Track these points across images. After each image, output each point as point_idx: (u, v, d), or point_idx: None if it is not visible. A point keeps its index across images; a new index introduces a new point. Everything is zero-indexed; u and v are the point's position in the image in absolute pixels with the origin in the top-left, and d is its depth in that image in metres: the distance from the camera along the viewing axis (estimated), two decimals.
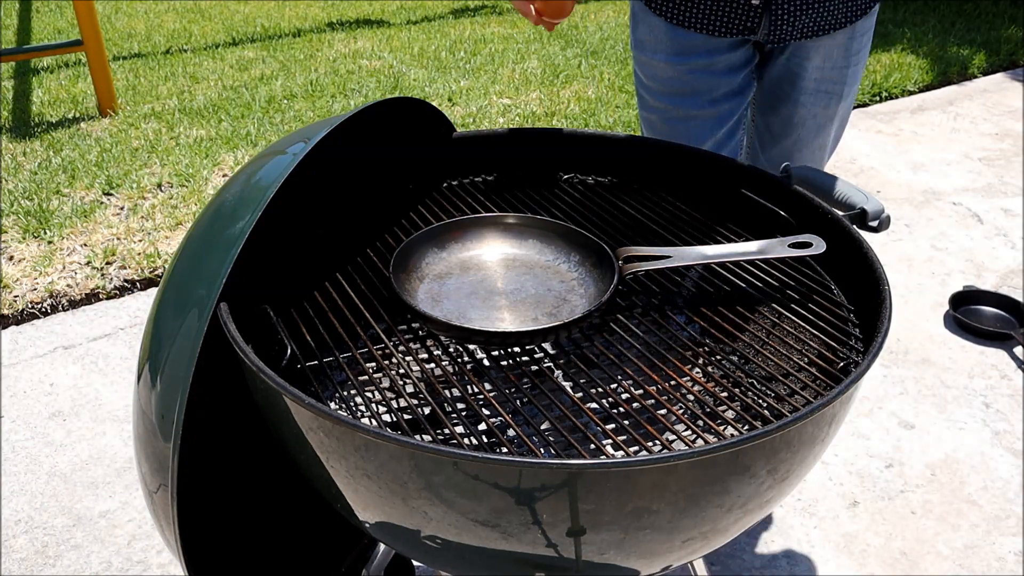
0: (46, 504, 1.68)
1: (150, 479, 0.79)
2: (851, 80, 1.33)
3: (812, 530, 1.62)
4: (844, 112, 1.40)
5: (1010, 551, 1.58)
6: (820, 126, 1.37)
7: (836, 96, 1.33)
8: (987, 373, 2.07)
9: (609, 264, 0.88)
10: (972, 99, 3.86)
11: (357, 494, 0.70)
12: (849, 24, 1.25)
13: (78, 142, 3.23)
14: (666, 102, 1.31)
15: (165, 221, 2.70)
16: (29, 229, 2.60)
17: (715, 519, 0.68)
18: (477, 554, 0.69)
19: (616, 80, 3.98)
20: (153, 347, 0.78)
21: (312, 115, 3.56)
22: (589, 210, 1.06)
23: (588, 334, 0.86)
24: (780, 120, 1.39)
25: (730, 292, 0.91)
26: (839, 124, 1.41)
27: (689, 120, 1.30)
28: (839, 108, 1.36)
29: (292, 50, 4.48)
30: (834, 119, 1.38)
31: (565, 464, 0.59)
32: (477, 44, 4.57)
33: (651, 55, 1.29)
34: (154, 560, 1.56)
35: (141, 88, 3.85)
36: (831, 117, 1.36)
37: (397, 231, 1.02)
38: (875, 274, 0.84)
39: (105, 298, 2.37)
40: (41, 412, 1.93)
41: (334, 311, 0.86)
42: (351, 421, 0.63)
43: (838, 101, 1.34)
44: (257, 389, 0.74)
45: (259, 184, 0.78)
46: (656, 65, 1.29)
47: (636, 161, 1.12)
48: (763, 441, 0.62)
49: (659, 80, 1.30)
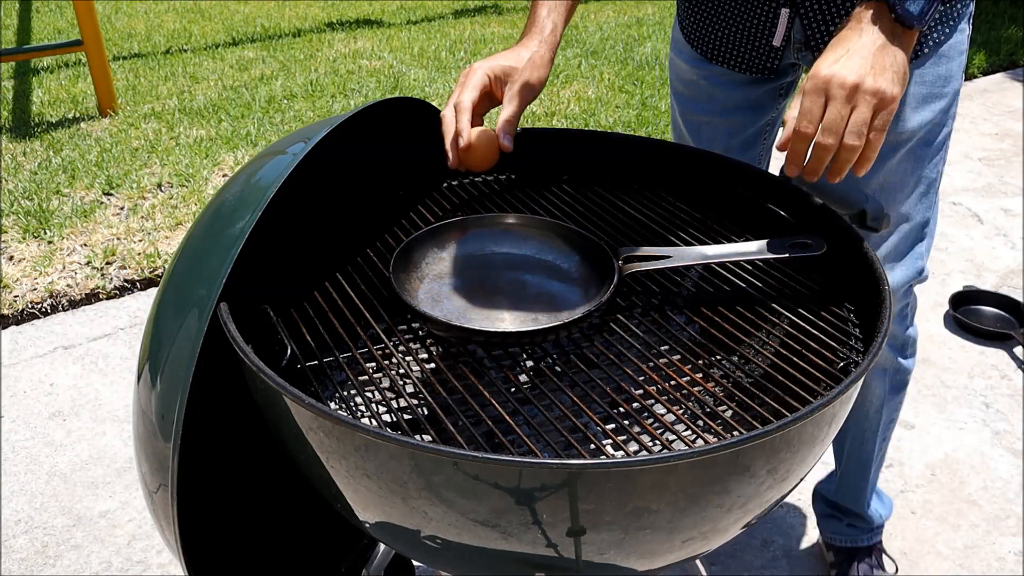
0: (46, 504, 1.68)
1: (150, 479, 0.79)
2: (911, 115, 1.07)
3: (812, 530, 1.62)
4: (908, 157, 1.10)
5: (1010, 551, 1.58)
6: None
7: (888, 150, 1.08)
8: (987, 373, 2.07)
9: (609, 264, 0.88)
10: (972, 99, 3.86)
11: (357, 494, 0.70)
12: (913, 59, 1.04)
13: (78, 142, 3.23)
14: (683, 104, 1.28)
15: (165, 221, 2.70)
16: (29, 229, 2.60)
17: (715, 519, 0.68)
18: (477, 554, 0.69)
19: (616, 80, 3.98)
20: (153, 347, 0.78)
21: (312, 115, 3.56)
22: (589, 210, 1.06)
23: (588, 334, 0.86)
24: None
25: (730, 292, 0.91)
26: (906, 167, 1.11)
27: (701, 125, 1.26)
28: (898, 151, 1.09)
29: (292, 50, 4.48)
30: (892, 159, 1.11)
31: (565, 464, 0.59)
32: (477, 44, 4.57)
33: (676, 53, 1.26)
34: (154, 560, 1.56)
35: (141, 88, 3.85)
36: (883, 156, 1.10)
37: (397, 231, 1.02)
38: (875, 274, 0.84)
39: (105, 298, 2.37)
40: (41, 412, 1.93)
41: (334, 311, 0.86)
42: (351, 421, 0.63)
43: (890, 156, 1.09)
44: (257, 389, 0.74)
45: (259, 184, 0.78)
46: (679, 65, 1.26)
47: (636, 161, 1.12)
48: (763, 441, 0.62)
49: (679, 80, 1.27)
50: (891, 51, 0.81)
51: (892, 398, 1.34)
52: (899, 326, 1.26)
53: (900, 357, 1.30)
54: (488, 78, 0.96)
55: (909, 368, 1.32)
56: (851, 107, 0.79)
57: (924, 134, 1.09)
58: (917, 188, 1.13)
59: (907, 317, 1.26)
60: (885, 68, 0.80)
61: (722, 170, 1.07)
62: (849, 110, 0.79)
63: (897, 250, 1.17)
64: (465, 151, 0.92)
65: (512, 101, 0.96)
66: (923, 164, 1.12)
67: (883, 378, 1.31)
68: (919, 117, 1.08)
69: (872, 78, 0.79)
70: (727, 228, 1.02)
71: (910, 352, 1.32)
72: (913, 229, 1.17)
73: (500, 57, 0.98)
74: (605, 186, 1.12)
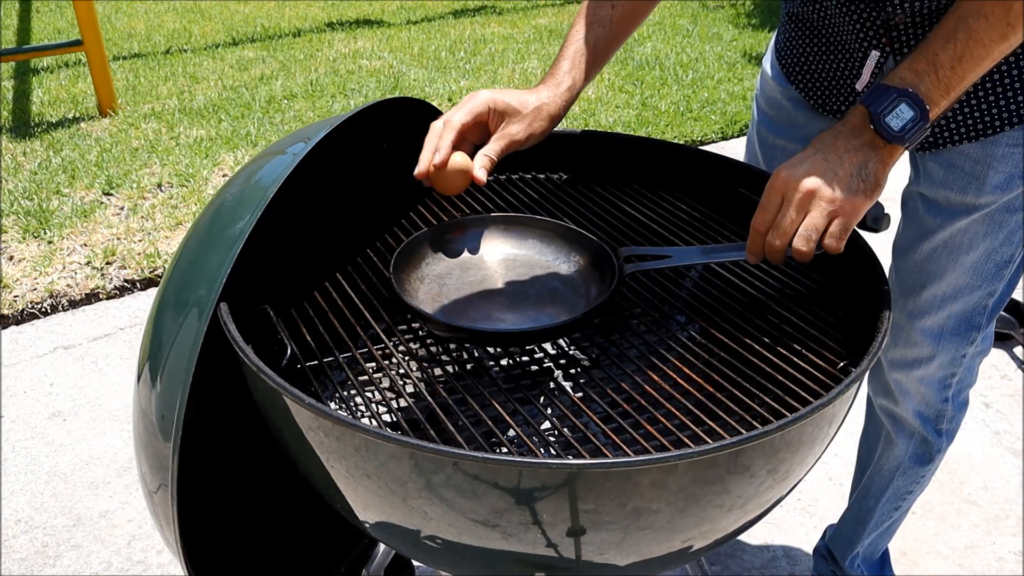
0: (46, 504, 1.68)
1: (150, 479, 0.79)
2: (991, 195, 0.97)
3: (812, 530, 1.62)
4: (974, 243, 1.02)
5: (1010, 551, 1.58)
6: (934, 234, 1.04)
7: (977, 181, 0.98)
8: (987, 373, 2.07)
9: (609, 264, 0.88)
10: None
11: (357, 494, 0.70)
12: (1008, 128, 0.95)
13: (78, 142, 3.23)
14: (763, 122, 1.19)
15: (165, 221, 2.70)
16: (29, 229, 2.60)
17: (715, 519, 0.68)
18: (477, 554, 0.69)
19: (616, 80, 3.98)
20: (153, 347, 0.78)
21: (312, 115, 3.56)
22: (589, 210, 1.06)
23: (588, 334, 0.86)
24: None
25: (730, 292, 0.91)
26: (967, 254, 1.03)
27: (777, 149, 1.17)
28: (962, 232, 1.01)
29: (292, 50, 4.48)
30: (957, 238, 1.02)
31: (565, 464, 0.59)
32: (477, 44, 4.57)
33: (768, 66, 1.17)
34: (154, 560, 1.56)
35: (141, 88, 3.85)
36: (952, 232, 1.03)
37: (397, 231, 1.02)
38: (875, 274, 0.84)
39: (105, 298, 2.37)
40: (41, 412, 1.93)
41: (334, 311, 0.86)
42: (351, 421, 0.63)
43: (978, 188, 0.98)
44: (257, 389, 0.74)
45: (259, 184, 0.78)
46: (767, 80, 1.17)
47: (636, 161, 1.12)
48: (763, 441, 0.62)
49: (764, 96, 1.18)
50: (865, 158, 0.78)
51: (913, 467, 1.23)
52: (936, 394, 1.15)
53: (929, 427, 1.18)
54: (488, 108, 0.92)
55: (937, 445, 1.20)
56: (804, 213, 0.78)
57: (1008, 200, 0.99)
58: (991, 256, 1.03)
59: (949, 387, 1.14)
60: (852, 176, 0.77)
61: (722, 170, 1.07)
62: (802, 216, 0.78)
63: (954, 313, 1.08)
64: (438, 168, 0.88)
65: (501, 139, 0.93)
66: (1001, 231, 1.01)
67: (908, 441, 1.21)
68: (1001, 180, 0.97)
69: (832, 186, 0.77)
70: (727, 228, 1.02)
71: (945, 428, 1.19)
72: (977, 296, 1.06)
73: (509, 94, 0.94)
74: (605, 186, 1.12)
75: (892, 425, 1.23)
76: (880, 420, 1.25)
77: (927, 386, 1.15)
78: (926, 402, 1.16)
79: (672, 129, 3.45)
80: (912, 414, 1.18)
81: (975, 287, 1.05)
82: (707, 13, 5.24)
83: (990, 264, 1.03)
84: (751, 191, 1.04)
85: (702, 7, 5.40)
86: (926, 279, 1.07)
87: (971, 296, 1.06)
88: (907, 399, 1.18)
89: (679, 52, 4.39)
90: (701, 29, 4.85)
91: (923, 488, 1.28)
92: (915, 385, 1.16)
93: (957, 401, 1.17)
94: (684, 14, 5.21)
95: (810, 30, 1.06)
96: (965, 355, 1.11)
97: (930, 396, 1.16)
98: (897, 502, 1.29)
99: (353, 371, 0.81)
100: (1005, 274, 1.05)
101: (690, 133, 3.43)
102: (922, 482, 1.26)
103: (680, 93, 3.82)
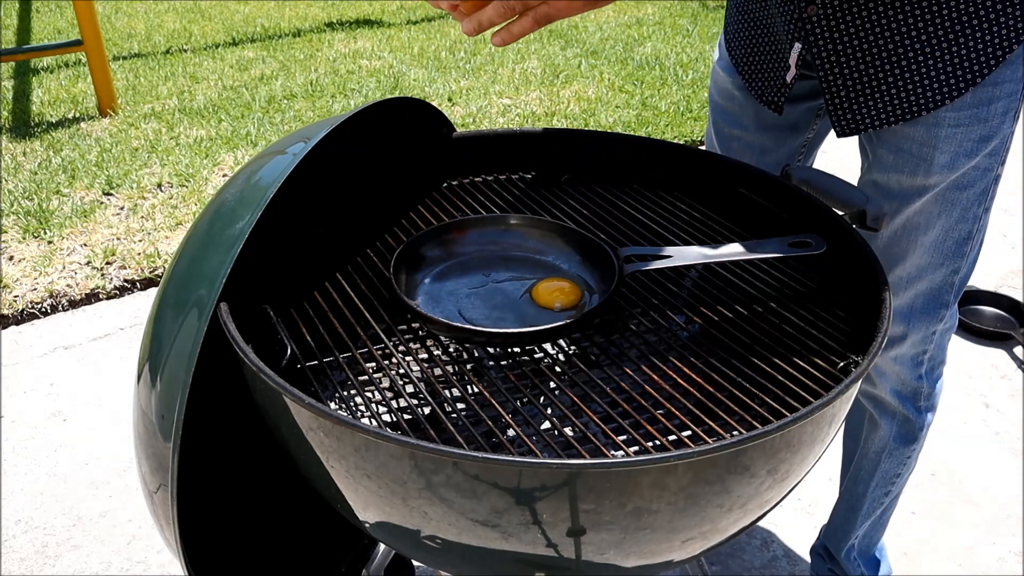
0: (46, 504, 1.68)
1: (150, 479, 0.79)
2: (945, 145, 0.99)
3: (812, 530, 1.62)
4: (948, 192, 1.03)
5: (1010, 551, 1.58)
6: (906, 196, 1.05)
7: (925, 162, 1.01)
8: (987, 373, 2.07)
9: (610, 264, 0.88)
10: None
11: (357, 494, 0.70)
12: (940, 107, 0.98)
13: (78, 142, 3.23)
14: (716, 114, 1.22)
15: (165, 221, 2.70)
16: (29, 229, 2.60)
17: (715, 519, 0.68)
18: (477, 554, 0.69)
19: (616, 80, 3.98)
20: (153, 347, 0.77)
21: (312, 115, 3.56)
22: (589, 210, 1.06)
23: (588, 334, 0.86)
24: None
25: (730, 292, 0.91)
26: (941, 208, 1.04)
27: (732, 140, 1.21)
28: (930, 180, 1.02)
29: (292, 50, 4.48)
30: (925, 195, 1.04)
31: (565, 464, 0.59)
32: (477, 44, 4.57)
33: (717, 59, 1.20)
34: (154, 560, 1.56)
35: (141, 88, 3.85)
36: (920, 190, 1.04)
37: (397, 231, 1.02)
38: (875, 274, 0.84)
39: (105, 298, 2.37)
40: (41, 412, 1.93)
41: (334, 311, 0.86)
42: (351, 421, 0.63)
43: (926, 169, 1.01)
44: (257, 389, 0.74)
45: (259, 184, 0.78)
46: (717, 72, 1.20)
47: (636, 161, 1.12)
48: (763, 441, 0.62)
49: (716, 88, 1.21)
50: None
51: (899, 448, 1.25)
52: (910, 372, 1.18)
53: (908, 406, 1.21)
54: None
55: (919, 423, 1.23)
56: None
57: (956, 178, 1.01)
58: (949, 234, 1.05)
59: (922, 364, 1.17)
60: None
61: (722, 170, 1.07)
62: None
63: (920, 292, 1.11)
64: None
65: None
66: (954, 209, 1.03)
67: (891, 421, 1.24)
68: (948, 160, 1.00)
69: None
70: (727, 228, 1.02)
71: (924, 405, 1.22)
72: (941, 275, 1.09)
73: None
74: (605, 186, 1.12)
75: (874, 407, 1.26)
76: (862, 405, 1.29)
77: (901, 365, 1.18)
78: (902, 381, 1.20)
79: (672, 129, 3.45)
80: (891, 394, 1.22)
81: (937, 265, 1.08)
82: (707, 13, 5.24)
83: (949, 242, 1.07)
84: (751, 191, 1.04)
85: (702, 7, 5.40)
86: (890, 262, 1.11)
87: (935, 274, 1.09)
88: (884, 380, 1.22)
89: (679, 52, 4.39)
90: (701, 29, 4.85)
91: (910, 471, 1.30)
92: (890, 365, 1.20)
93: (931, 378, 1.21)
94: (684, 14, 5.21)
95: (751, 21, 1.10)
96: (935, 332, 1.15)
97: (905, 375, 1.19)
98: (887, 486, 1.32)
99: (353, 371, 0.81)
100: (966, 251, 1.08)
101: (690, 133, 3.43)
102: (908, 463, 1.29)
103: (680, 93, 3.82)
